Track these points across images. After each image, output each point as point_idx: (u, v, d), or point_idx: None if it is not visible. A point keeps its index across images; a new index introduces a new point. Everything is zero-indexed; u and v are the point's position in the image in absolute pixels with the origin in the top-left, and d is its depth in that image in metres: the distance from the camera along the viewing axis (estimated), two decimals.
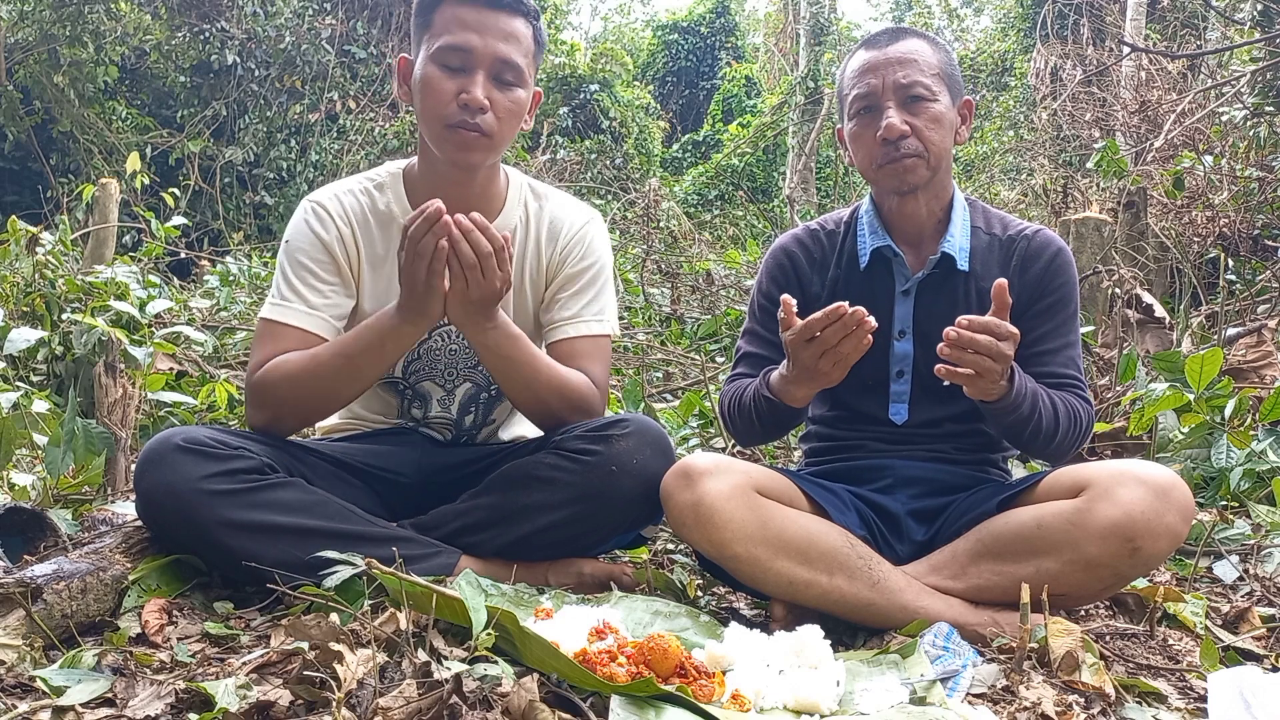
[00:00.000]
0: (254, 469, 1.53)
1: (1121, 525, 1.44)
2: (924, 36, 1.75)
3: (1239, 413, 2.56)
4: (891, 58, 1.68)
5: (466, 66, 1.60)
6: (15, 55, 9.85)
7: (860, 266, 1.79)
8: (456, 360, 1.82)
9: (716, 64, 18.07)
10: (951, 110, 1.71)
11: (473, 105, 1.59)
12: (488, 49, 1.60)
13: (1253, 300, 4.52)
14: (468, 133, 1.61)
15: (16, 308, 3.70)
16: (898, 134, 1.66)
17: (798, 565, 1.52)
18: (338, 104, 10.98)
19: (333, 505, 1.58)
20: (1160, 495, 1.45)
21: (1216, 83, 6.42)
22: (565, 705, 1.14)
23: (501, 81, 1.62)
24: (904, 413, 1.76)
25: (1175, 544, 1.48)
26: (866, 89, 1.69)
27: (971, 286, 1.75)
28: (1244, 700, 1.22)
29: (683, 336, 5.11)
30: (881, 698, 1.23)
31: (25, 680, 1.17)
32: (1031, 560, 1.50)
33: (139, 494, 1.52)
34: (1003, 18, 13.81)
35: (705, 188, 13.18)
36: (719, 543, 1.51)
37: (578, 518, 1.65)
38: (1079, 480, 1.52)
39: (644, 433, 1.66)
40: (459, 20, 1.60)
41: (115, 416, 2.23)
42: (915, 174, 1.69)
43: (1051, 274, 1.73)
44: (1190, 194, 5.31)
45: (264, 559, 1.46)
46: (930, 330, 1.70)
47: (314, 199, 1.75)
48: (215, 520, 1.47)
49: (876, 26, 30.79)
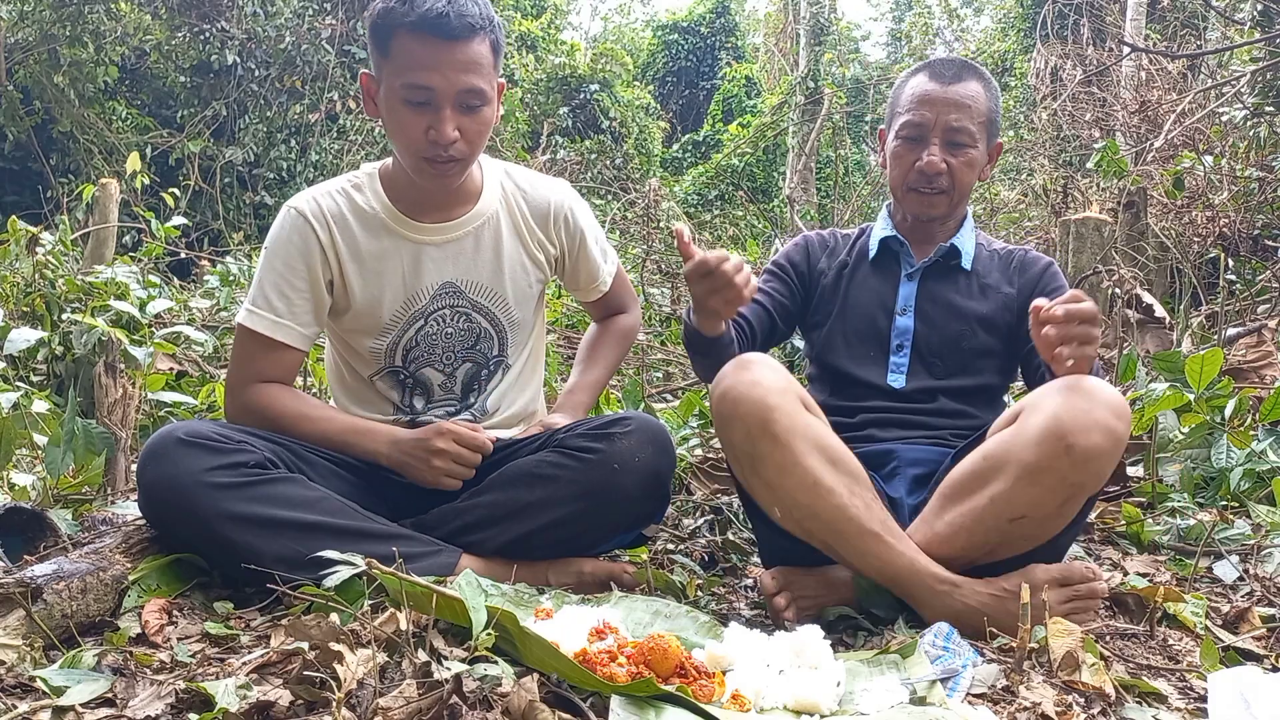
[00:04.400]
0: (256, 463, 1.55)
1: (1050, 426, 1.45)
2: (983, 78, 1.89)
3: (1239, 413, 2.56)
4: (950, 98, 1.84)
5: (432, 102, 1.61)
6: (15, 55, 9.85)
7: (869, 257, 2.00)
8: (454, 343, 1.84)
9: (716, 64, 18.07)
10: (983, 155, 1.90)
11: (442, 142, 1.62)
12: (450, 85, 1.59)
13: (1253, 300, 4.52)
14: (442, 164, 1.66)
15: (16, 308, 3.70)
16: (935, 171, 1.85)
17: (826, 466, 1.53)
18: (338, 104, 10.98)
19: (333, 502, 1.59)
20: (1084, 395, 1.47)
21: (1216, 83, 6.42)
22: (565, 705, 1.14)
23: (468, 108, 1.64)
24: (902, 380, 1.89)
25: (1113, 440, 1.46)
26: (919, 119, 1.86)
27: (973, 282, 1.94)
28: (1244, 700, 1.22)
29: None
30: (881, 698, 1.23)
31: (25, 680, 1.17)
32: (984, 489, 1.52)
33: (141, 488, 1.53)
34: (1003, 18, 13.81)
35: (705, 188, 13.18)
36: (763, 418, 1.51)
37: (579, 515, 1.66)
38: (1014, 410, 1.57)
39: (645, 430, 1.67)
40: (417, 60, 1.58)
41: (115, 416, 2.23)
42: (938, 207, 1.91)
43: (1047, 278, 1.94)
44: (1190, 194, 5.32)
45: (265, 554, 1.47)
46: (930, 309, 1.92)
47: (293, 204, 1.77)
48: (217, 513, 1.48)
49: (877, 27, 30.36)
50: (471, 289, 1.83)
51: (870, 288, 1.97)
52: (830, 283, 2.01)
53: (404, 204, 1.78)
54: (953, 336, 1.90)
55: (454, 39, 1.58)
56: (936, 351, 1.90)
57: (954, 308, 1.91)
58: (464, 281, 1.82)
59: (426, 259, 1.79)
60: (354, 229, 1.77)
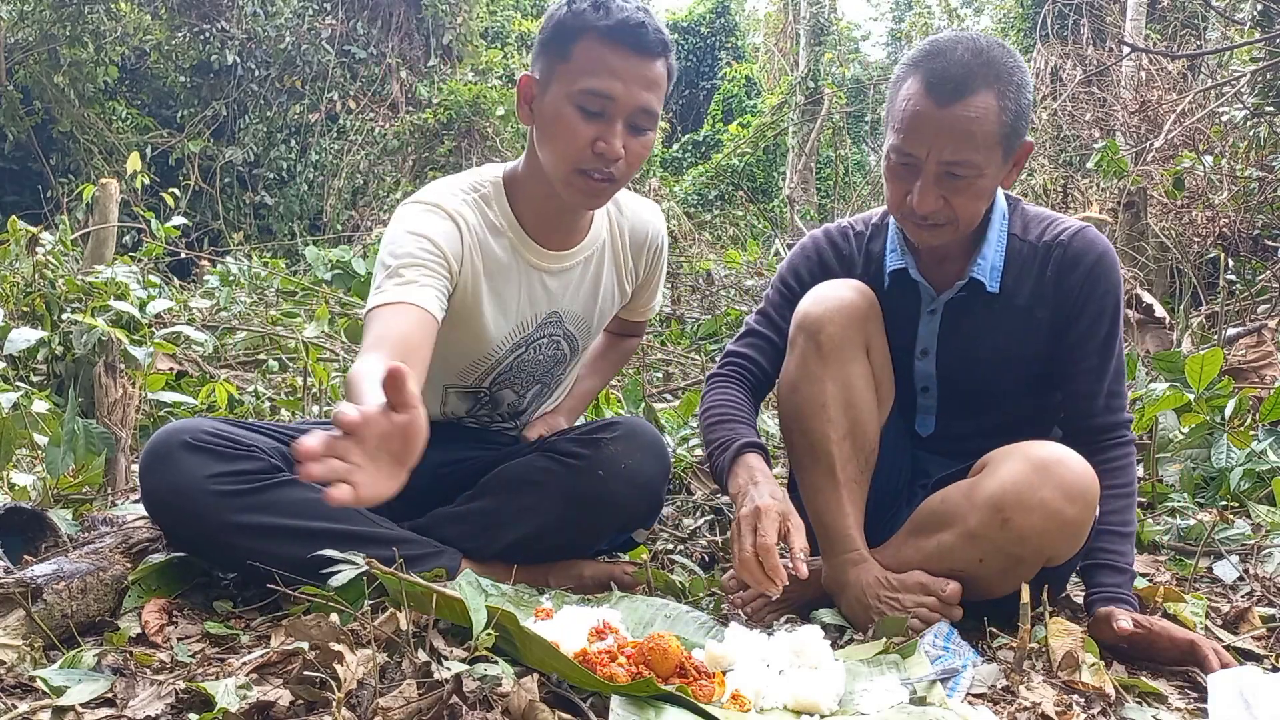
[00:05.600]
0: (261, 469, 1.52)
1: (994, 496, 1.44)
2: (998, 79, 1.48)
3: (1239, 413, 2.56)
4: (947, 124, 1.47)
5: (606, 113, 1.51)
6: (15, 55, 9.85)
7: (884, 286, 1.70)
8: (539, 368, 1.81)
9: (716, 64, 18.07)
10: (1001, 170, 1.54)
11: (609, 156, 1.53)
12: (631, 99, 1.51)
13: (1253, 300, 4.52)
14: (598, 181, 1.55)
15: (16, 308, 3.70)
16: (928, 211, 1.53)
17: (839, 403, 1.57)
18: (338, 104, 10.99)
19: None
20: (1038, 469, 1.43)
21: (1216, 83, 6.41)
22: (565, 705, 1.14)
23: (637, 128, 1.55)
24: (930, 425, 1.76)
25: (1055, 522, 1.42)
26: (909, 149, 1.51)
27: (1003, 307, 1.65)
28: (1244, 700, 1.22)
29: (683, 336, 5.11)
30: (881, 698, 1.23)
31: (25, 680, 1.17)
32: (935, 534, 1.52)
33: (144, 492, 1.51)
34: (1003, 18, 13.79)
35: (705, 188, 13.17)
36: (817, 327, 1.58)
37: (567, 521, 1.65)
38: (985, 460, 1.54)
39: (634, 435, 1.66)
40: (604, 65, 1.50)
41: (115, 416, 2.23)
42: (940, 238, 1.59)
43: (1091, 284, 1.61)
44: (1190, 194, 5.31)
45: (269, 558, 1.46)
46: (954, 349, 1.68)
47: (434, 202, 1.60)
48: (221, 522, 1.46)
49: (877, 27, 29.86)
50: (570, 319, 1.78)
51: (887, 321, 1.69)
52: None
53: (529, 225, 1.68)
54: (981, 377, 1.69)
55: (645, 53, 1.51)
56: (965, 392, 1.71)
57: (983, 345, 1.66)
58: (566, 312, 1.76)
59: (540, 286, 1.71)
60: (492, 245, 1.65)
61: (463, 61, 11.75)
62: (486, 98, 10.35)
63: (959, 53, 1.48)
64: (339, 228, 10.27)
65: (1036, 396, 1.71)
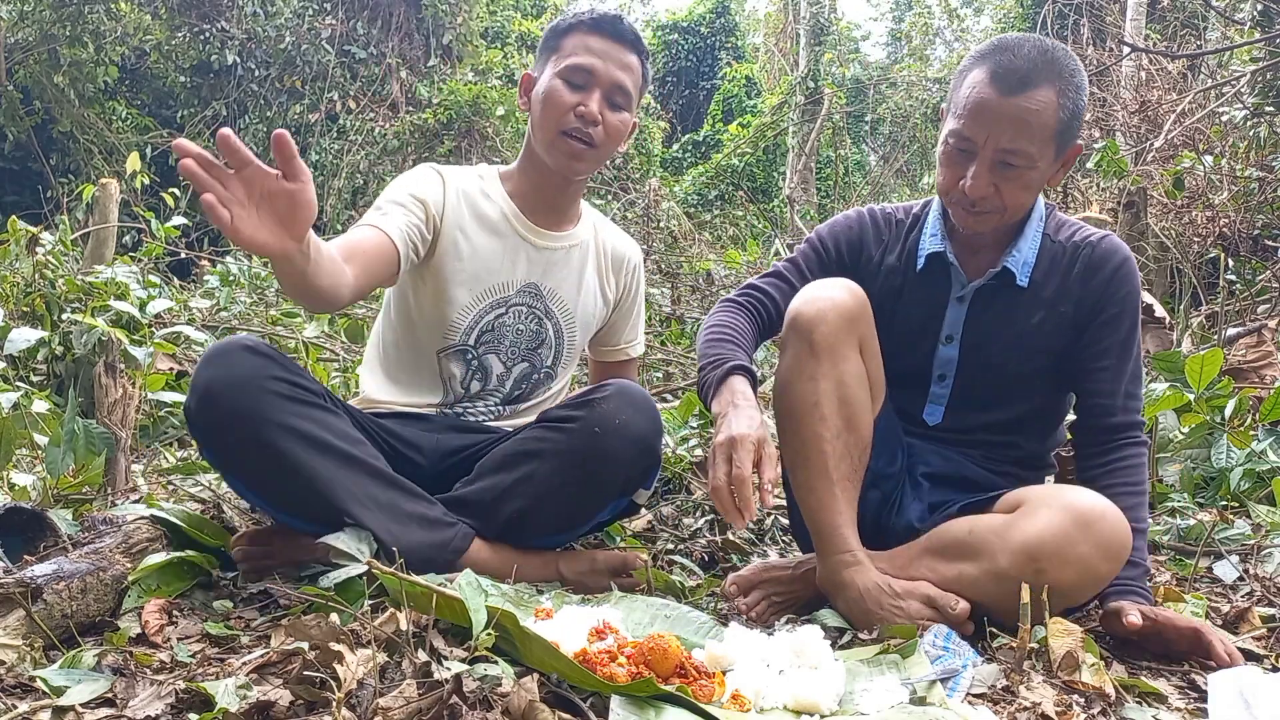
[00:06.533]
0: (313, 389, 1.60)
1: (1030, 544, 1.44)
2: (1060, 77, 1.56)
3: (1239, 413, 2.57)
4: (1008, 113, 1.54)
5: (587, 85, 1.81)
6: (15, 55, 9.85)
7: (916, 269, 1.76)
8: (521, 339, 1.93)
9: (716, 64, 18.07)
10: (1051, 167, 1.62)
11: (588, 117, 1.79)
12: (608, 73, 1.81)
13: (1253, 300, 4.53)
14: (578, 142, 1.81)
15: (16, 308, 3.70)
16: (980, 196, 1.60)
17: (834, 400, 1.57)
18: (338, 104, 10.99)
19: (369, 447, 1.65)
20: (1079, 524, 1.44)
21: (1216, 83, 6.41)
22: (565, 705, 1.14)
23: (613, 103, 1.83)
24: (939, 415, 1.78)
25: (1090, 577, 1.46)
26: (969, 133, 1.58)
27: (1030, 299, 1.70)
28: (1244, 700, 1.22)
29: (683, 336, 5.11)
30: (881, 698, 1.23)
31: (25, 680, 1.17)
32: (958, 563, 1.53)
33: (195, 387, 1.53)
34: (1003, 18, 13.80)
35: (705, 188, 13.18)
36: (811, 325, 1.58)
37: (569, 483, 1.67)
38: (1019, 499, 1.55)
39: (624, 393, 1.69)
40: (586, 46, 1.82)
41: (115, 416, 2.23)
42: (985, 225, 1.66)
43: (1115, 284, 1.68)
44: (1190, 194, 5.31)
45: (301, 477, 1.52)
46: (979, 337, 1.73)
47: (431, 167, 1.89)
48: (271, 418, 1.51)
49: (877, 27, 29.79)
50: (550, 296, 1.93)
51: (915, 307, 1.76)
52: (875, 288, 1.74)
53: (520, 203, 1.92)
54: (1001, 367, 1.72)
55: (621, 40, 1.84)
56: (981, 382, 1.74)
57: (1006, 334, 1.71)
58: (546, 288, 1.93)
59: (523, 256, 1.90)
60: (478, 203, 1.89)
61: (463, 61, 11.76)
62: (486, 98, 10.36)
63: (1026, 49, 1.57)
64: (339, 228, 10.28)
65: (1049, 394, 1.76)
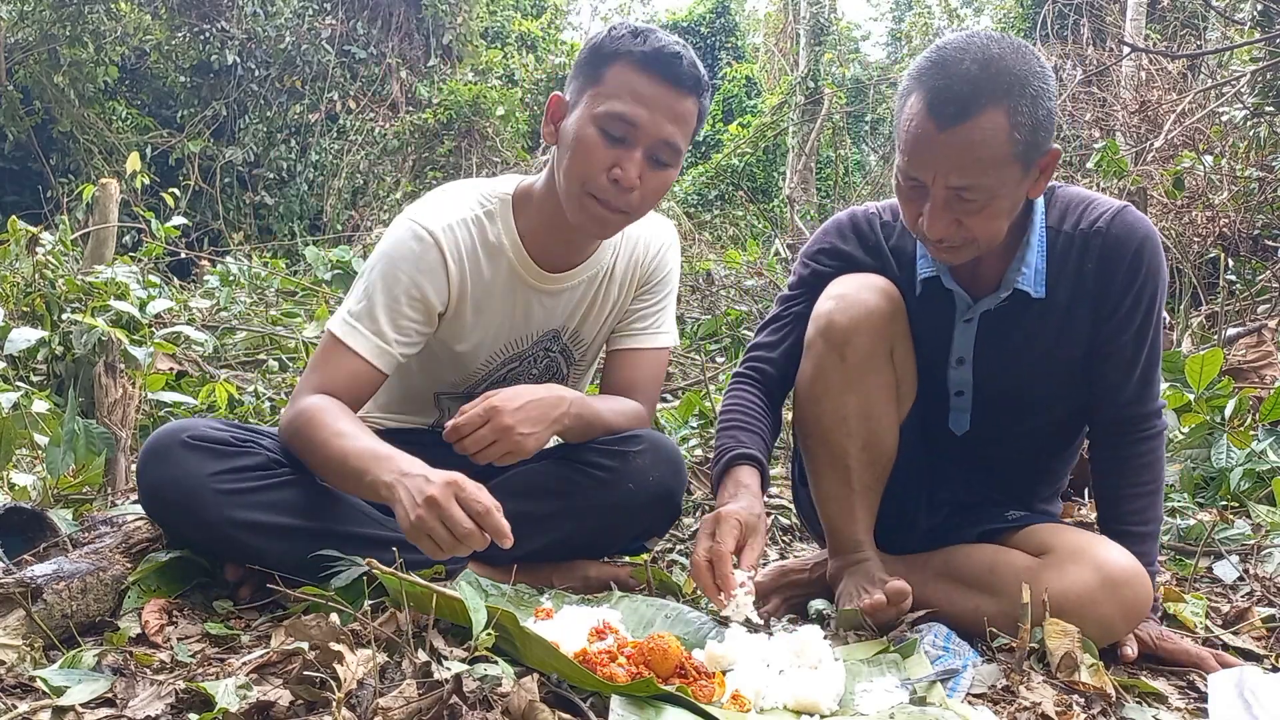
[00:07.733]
0: (260, 465, 1.51)
1: (1054, 599, 1.42)
2: (1006, 99, 1.36)
3: (1239, 413, 2.57)
4: (952, 147, 1.37)
5: (628, 139, 1.50)
6: (15, 55, 9.85)
7: (915, 293, 1.62)
8: (532, 379, 1.79)
9: (716, 64, 18.06)
10: (1023, 183, 1.44)
11: (624, 183, 1.50)
12: (654, 129, 1.49)
13: (1253, 300, 4.52)
14: (608, 210, 1.53)
15: (16, 308, 3.70)
16: (939, 237, 1.45)
17: (859, 416, 1.57)
18: (338, 104, 10.99)
19: (342, 504, 1.55)
20: (1106, 586, 1.44)
21: (1216, 83, 6.41)
22: (565, 705, 1.14)
23: (658, 162, 1.53)
24: (965, 423, 1.69)
25: (1108, 635, 1.46)
26: (914, 173, 1.43)
27: (1043, 312, 1.56)
28: (1244, 700, 1.22)
29: (683, 336, 5.11)
30: (881, 698, 1.23)
31: (25, 680, 1.17)
32: (975, 595, 1.53)
33: (142, 489, 1.51)
34: (1003, 18, 13.79)
35: (705, 188, 13.16)
36: (845, 338, 1.55)
37: (595, 530, 1.68)
38: (1047, 543, 1.54)
39: (658, 449, 1.68)
40: (632, 90, 1.48)
41: (115, 416, 2.23)
42: (962, 257, 1.50)
43: (1130, 275, 1.52)
44: (1190, 194, 5.31)
45: (271, 557, 1.46)
46: (993, 358, 1.61)
47: (426, 225, 1.60)
48: (223, 518, 1.45)
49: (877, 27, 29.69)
50: (568, 335, 1.78)
51: (919, 327, 1.63)
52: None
53: (531, 244, 1.67)
54: (1021, 383, 1.62)
55: (677, 86, 1.50)
56: (1002, 398, 1.65)
57: (1022, 354, 1.59)
58: (567, 330, 1.78)
59: (537, 306, 1.71)
60: (482, 268, 1.65)
61: (463, 61, 11.76)
62: (486, 98, 10.34)
63: (965, 65, 1.37)
64: (339, 228, 10.27)
65: (1074, 399, 1.64)
